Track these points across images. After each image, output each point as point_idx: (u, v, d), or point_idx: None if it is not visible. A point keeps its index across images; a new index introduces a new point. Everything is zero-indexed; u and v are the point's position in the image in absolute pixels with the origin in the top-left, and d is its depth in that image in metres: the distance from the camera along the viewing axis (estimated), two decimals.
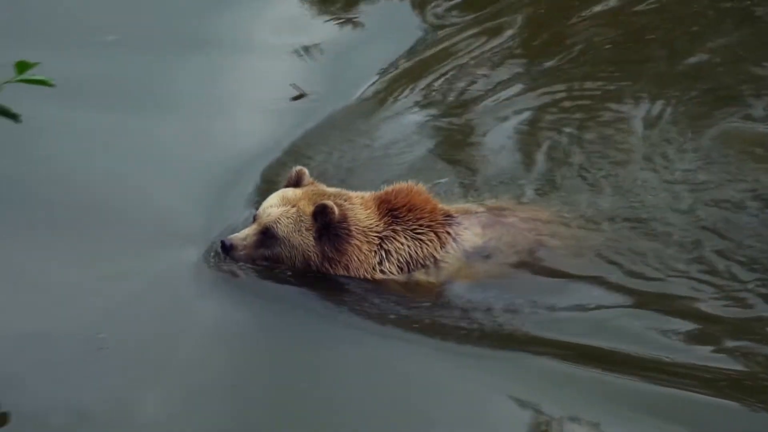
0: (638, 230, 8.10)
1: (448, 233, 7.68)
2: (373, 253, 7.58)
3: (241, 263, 7.61)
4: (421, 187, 7.77)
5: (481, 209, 7.92)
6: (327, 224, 7.48)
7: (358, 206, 7.62)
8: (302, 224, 7.48)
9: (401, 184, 7.77)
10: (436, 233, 7.67)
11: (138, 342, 7.18)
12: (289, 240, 7.49)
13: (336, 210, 7.45)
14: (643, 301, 7.62)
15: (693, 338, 7.35)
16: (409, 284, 7.68)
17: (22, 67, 4.84)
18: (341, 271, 7.58)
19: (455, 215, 7.78)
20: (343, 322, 7.48)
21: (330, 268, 7.57)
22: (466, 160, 9.15)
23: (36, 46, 9.51)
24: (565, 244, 7.87)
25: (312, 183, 7.75)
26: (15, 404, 6.62)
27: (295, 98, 9.89)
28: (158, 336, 7.30)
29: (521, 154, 9.19)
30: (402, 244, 7.63)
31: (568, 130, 9.33)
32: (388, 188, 7.78)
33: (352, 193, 7.75)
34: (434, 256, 7.63)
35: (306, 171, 7.76)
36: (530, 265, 7.79)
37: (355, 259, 7.55)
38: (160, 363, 7.09)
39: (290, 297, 7.61)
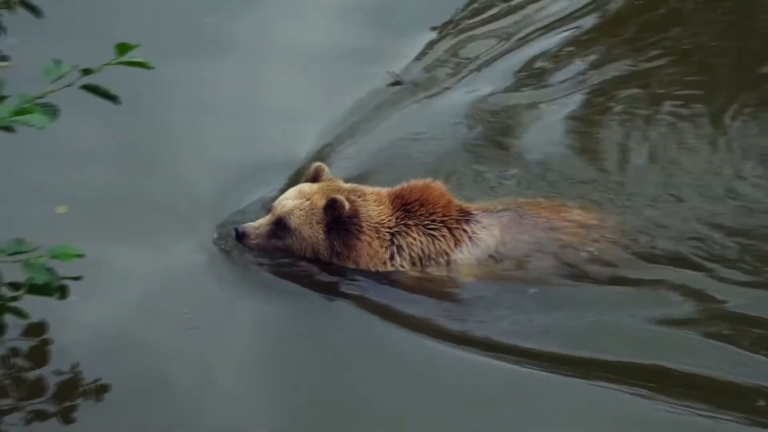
0: (687, 246, 7.92)
1: (464, 231, 7.66)
2: (384, 249, 7.61)
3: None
4: (438, 183, 7.75)
5: (504, 207, 7.84)
6: (337, 218, 7.54)
7: (372, 202, 7.65)
8: (313, 217, 7.55)
9: (418, 181, 7.77)
10: (449, 229, 7.65)
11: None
12: (300, 232, 7.56)
13: (346, 204, 7.51)
14: (675, 320, 7.45)
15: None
16: (422, 279, 7.68)
17: (123, 49, 4.91)
18: (351, 265, 7.64)
19: (474, 213, 7.74)
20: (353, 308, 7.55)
21: (339, 262, 7.66)
22: (522, 153, 9.06)
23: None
24: (596, 250, 7.74)
25: (330, 179, 7.79)
26: (112, 376, 6.85)
27: (392, 84, 9.91)
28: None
29: (588, 152, 9.06)
30: (414, 239, 7.64)
31: (635, 132, 9.15)
32: (405, 184, 7.78)
33: (368, 189, 7.78)
34: (447, 253, 7.64)
35: (325, 167, 7.84)
36: (546, 270, 7.71)
37: (365, 254, 7.59)
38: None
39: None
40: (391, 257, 7.60)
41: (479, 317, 7.46)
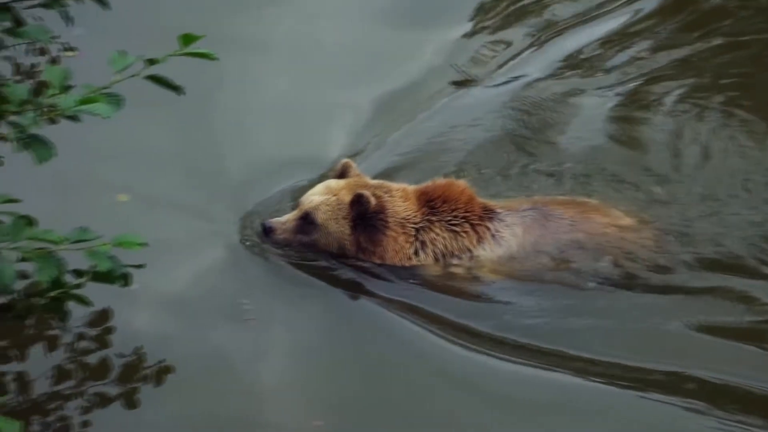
0: (730, 250, 7.81)
1: (487, 228, 7.66)
2: (409, 244, 7.63)
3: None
4: (461, 181, 7.78)
5: (529, 206, 7.82)
6: (362, 214, 7.56)
7: (398, 198, 7.67)
8: (340, 213, 7.58)
9: (442, 179, 7.82)
10: (472, 226, 7.65)
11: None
12: (327, 227, 7.59)
13: (372, 200, 7.54)
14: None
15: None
16: (444, 275, 7.67)
17: (187, 39, 4.94)
18: (376, 260, 7.68)
19: (498, 210, 7.73)
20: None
21: (364, 257, 7.68)
22: (566, 147, 9.01)
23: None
24: (620, 254, 7.69)
25: (358, 175, 7.83)
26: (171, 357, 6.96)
27: (458, 83, 9.90)
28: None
29: (636, 147, 8.99)
30: (437, 235, 7.65)
31: (685, 127, 9.02)
32: (429, 182, 7.81)
33: (394, 185, 7.80)
34: (470, 250, 7.64)
35: (352, 163, 7.88)
36: (566, 270, 7.67)
37: (390, 249, 7.62)
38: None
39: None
40: (416, 252, 7.64)
41: (505, 318, 7.46)
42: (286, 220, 7.69)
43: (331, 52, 10.23)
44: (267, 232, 7.60)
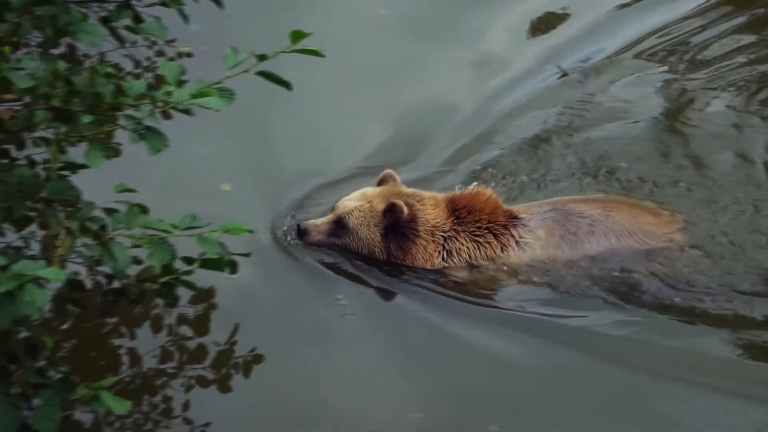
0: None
1: (511, 235, 7.83)
2: (437, 253, 7.83)
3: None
4: (487, 190, 7.95)
5: (549, 207, 7.94)
6: (395, 223, 7.79)
7: (429, 206, 7.87)
8: (372, 220, 7.83)
9: (469, 189, 8.00)
10: (495, 235, 7.82)
11: None
12: (358, 232, 7.83)
13: (405, 209, 7.76)
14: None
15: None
16: (470, 277, 7.85)
17: (296, 36, 5.09)
18: (408, 264, 7.89)
19: (521, 216, 7.87)
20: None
21: (394, 261, 7.91)
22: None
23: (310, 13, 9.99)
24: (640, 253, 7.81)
25: (395, 184, 8.02)
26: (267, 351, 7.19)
27: (561, 76, 9.96)
28: None
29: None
30: (462, 245, 7.85)
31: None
32: (457, 192, 8.03)
33: (426, 194, 7.98)
34: (493, 259, 7.83)
35: (394, 174, 8.08)
36: (587, 271, 7.80)
37: (420, 257, 7.84)
38: None
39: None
40: (443, 260, 7.85)
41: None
42: (320, 222, 7.96)
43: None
44: (301, 233, 7.84)
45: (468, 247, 7.87)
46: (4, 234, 6.81)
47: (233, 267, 5.58)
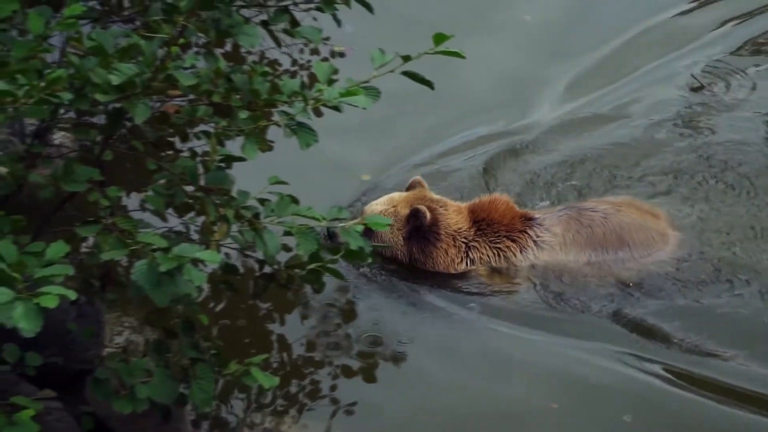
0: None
1: (529, 236, 7.97)
2: (459, 259, 7.99)
3: None
4: (503, 196, 8.13)
5: (562, 207, 8.17)
6: (418, 227, 7.94)
7: (452, 213, 8.01)
8: (395, 224, 7.98)
9: (486, 196, 8.17)
10: (513, 240, 7.98)
11: None
12: (382, 236, 7.92)
13: (428, 214, 7.90)
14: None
15: None
16: (492, 275, 8.03)
17: (439, 39, 5.30)
18: (428, 269, 8.06)
19: (536, 216, 8.02)
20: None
21: (416, 265, 8.06)
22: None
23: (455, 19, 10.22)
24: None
25: (423, 189, 8.14)
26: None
27: (695, 89, 9.92)
28: None
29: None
30: (483, 253, 8.01)
31: None
32: (476, 199, 8.17)
33: (451, 201, 8.12)
34: (514, 263, 7.99)
35: (422, 180, 8.21)
36: (601, 263, 7.98)
37: (441, 261, 7.99)
38: None
39: None
40: (467, 265, 8.05)
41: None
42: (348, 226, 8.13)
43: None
44: (331, 236, 7.85)
45: (488, 255, 8.06)
46: (166, 219, 7.33)
47: (374, 258, 5.86)
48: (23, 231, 4.99)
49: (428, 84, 5.45)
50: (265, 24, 6.42)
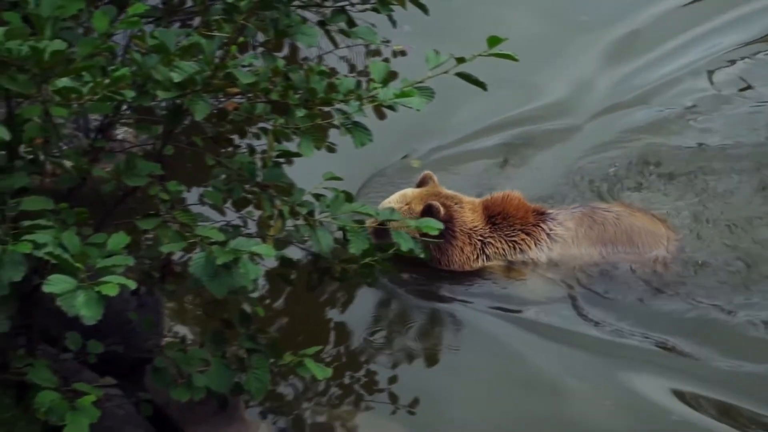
0: None
1: (542, 229, 8.00)
2: (475, 256, 7.95)
3: None
4: (516, 192, 8.12)
5: (576, 205, 8.24)
6: None
7: (467, 209, 7.96)
8: None
9: (498, 192, 8.17)
10: (528, 233, 8.00)
11: None
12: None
13: (441, 210, 7.81)
14: None
15: None
16: (509, 270, 8.06)
17: (493, 41, 5.38)
18: (443, 267, 8.03)
19: (550, 211, 8.09)
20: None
21: (432, 264, 7.99)
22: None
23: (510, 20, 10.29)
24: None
25: (435, 185, 8.11)
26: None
27: (743, 89, 9.90)
28: None
29: None
30: (498, 248, 7.99)
31: None
32: (489, 195, 8.16)
33: (465, 197, 8.08)
34: (530, 256, 8.00)
35: (432, 175, 8.17)
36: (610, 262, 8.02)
37: (456, 259, 7.95)
38: None
39: None
40: (483, 262, 8.03)
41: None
42: (366, 225, 8.17)
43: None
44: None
45: (504, 249, 8.06)
46: (224, 213, 7.48)
47: (426, 254, 5.97)
48: (86, 223, 5.14)
49: (481, 85, 5.56)
50: (322, 24, 6.56)
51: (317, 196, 5.86)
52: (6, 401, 5.59)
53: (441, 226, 5.90)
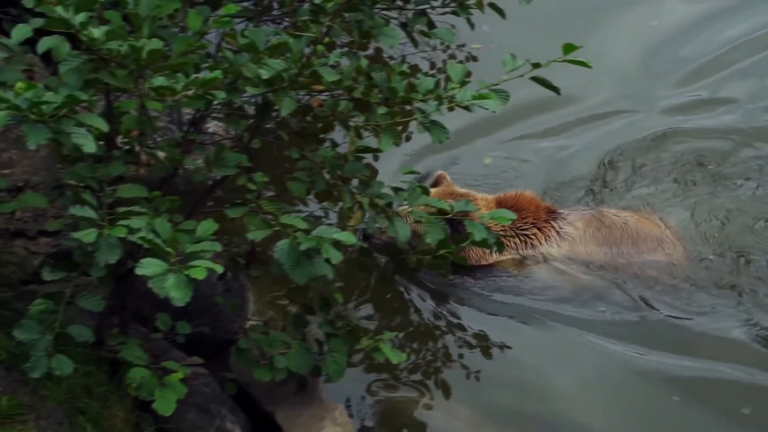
0: None
1: (552, 227, 8.15)
2: (489, 251, 7.91)
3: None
4: (528, 192, 8.27)
5: (587, 208, 8.41)
6: (447, 223, 7.80)
7: (482, 206, 7.86)
8: None
9: (511, 191, 8.31)
10: (539, 228, 8.15)
11: None
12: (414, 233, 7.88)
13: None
14: None
15: None
16: (522, 265, 8.16)
17: (568, 48, 5.50)
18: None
19: (560, 211, 8.25)
20: None
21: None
22: None
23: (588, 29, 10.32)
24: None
25: (448, 184, 8.19)
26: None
27: None
28: None
29: None
30: (510, 241, 8.11)
31: None
32: (502, 193, 8.27)
33: (479, 195, 8.13)
34: (540, 251, 8.14)
35: (446, 175, 8.27)
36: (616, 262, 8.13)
37: (473, 255, 8.03)
38: None
39: None
40: (495, 257, 8.08)
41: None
42: (382, 227, 8.26)
43: None
44: (366, 237, 8.02)
45: (516, 243, 8.20)
46: (307, 204, 7.74)
47: (499, 247, 6.16)
48: (177, 210, 5.38)
49: (555, 89, 5.71)
50: (403, 26, 6.74)
51: (395, 189, 6.06)
52: (100, 377, 5.91)
53: (513, 216, 6.09)
